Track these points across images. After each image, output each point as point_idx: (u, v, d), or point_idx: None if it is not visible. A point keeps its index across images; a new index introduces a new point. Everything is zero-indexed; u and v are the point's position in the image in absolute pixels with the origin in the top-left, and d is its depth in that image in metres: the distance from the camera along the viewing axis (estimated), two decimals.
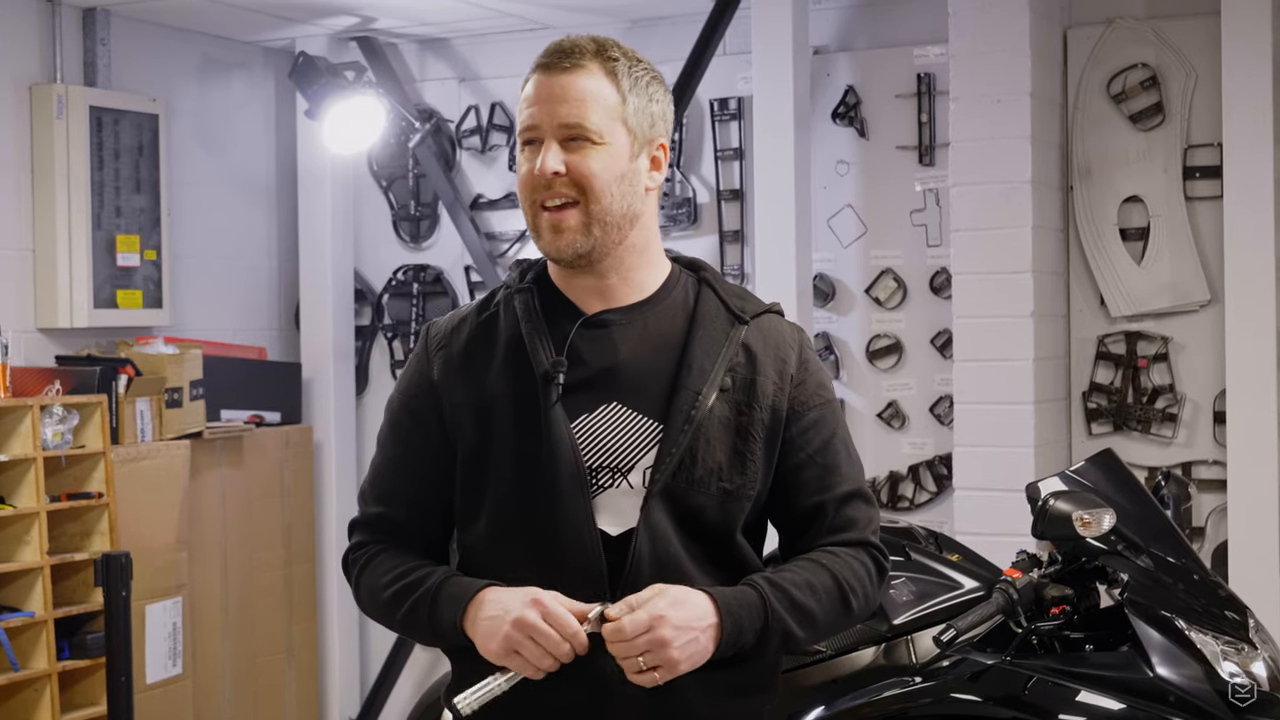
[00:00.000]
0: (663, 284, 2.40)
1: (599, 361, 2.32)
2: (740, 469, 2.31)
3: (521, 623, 2.17)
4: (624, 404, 2.30)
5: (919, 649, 3.60)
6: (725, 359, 2.32)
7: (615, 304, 2.36)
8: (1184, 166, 5.54)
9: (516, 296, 2.38)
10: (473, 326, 2.39)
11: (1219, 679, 3.33)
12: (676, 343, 2.34)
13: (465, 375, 2.35)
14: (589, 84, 2.30)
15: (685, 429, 2.27)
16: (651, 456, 2.28)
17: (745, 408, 2.32)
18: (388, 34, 6.61)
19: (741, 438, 2.31)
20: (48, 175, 5.75)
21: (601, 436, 2.29)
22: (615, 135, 2.31)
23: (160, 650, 5.66)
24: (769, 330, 2.40)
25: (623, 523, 2.27)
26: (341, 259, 6.76)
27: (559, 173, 2.27)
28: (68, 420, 5.32)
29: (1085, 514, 3.46)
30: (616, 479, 2.28)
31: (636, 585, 2.23)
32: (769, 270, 5.78)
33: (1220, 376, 5.43)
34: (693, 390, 2.29)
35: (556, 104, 2.29)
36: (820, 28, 6.01)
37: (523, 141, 2.33)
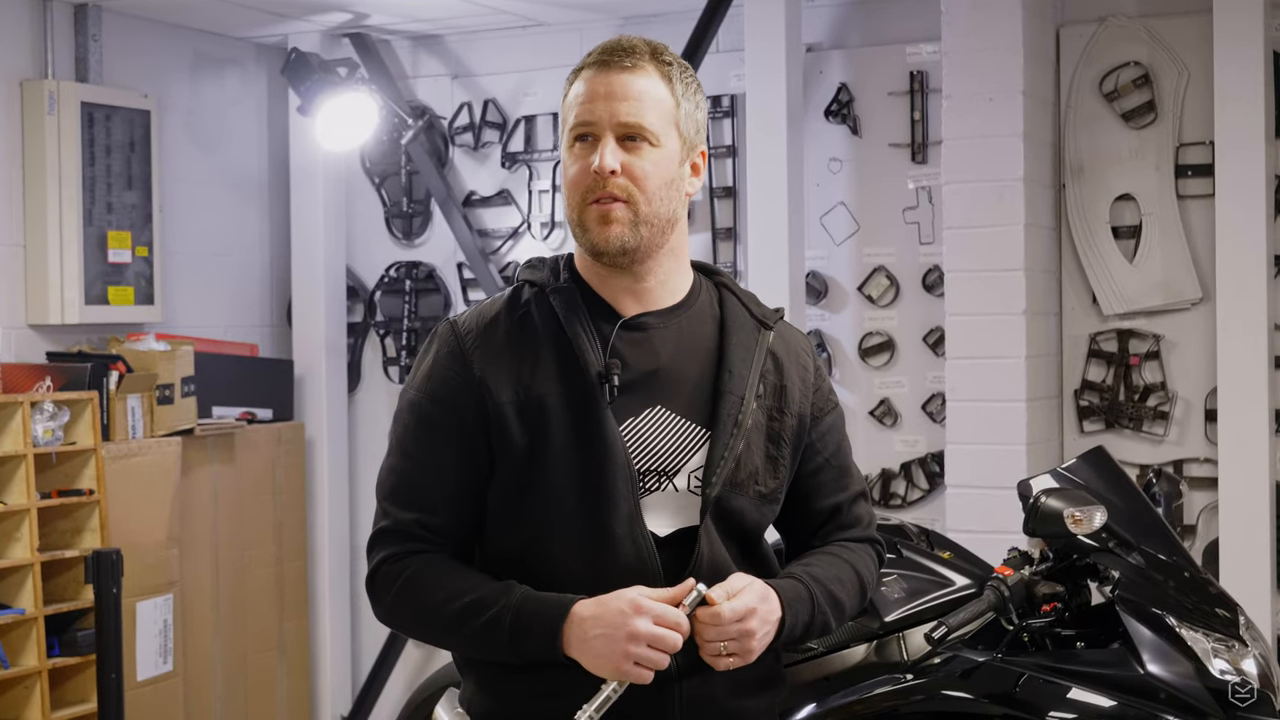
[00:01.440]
0: (690, 289, 2.41)
1: (641, 365, 2.32)
2: (774, 473, 2.36)
3: (637, 635, 2.16)
4: (668, 408, 2.31)
5: (910, 646, 3.60)
6: (758, 365, 2.36)
7: (651, 307, 2.36)
8: (1176, 164, 5.54)
9: (555, 295, 2.34)
10: (508, 324, 2.34)
11: (1210, 676, 3.33)
12: (711, 347, 2.36)
13: (510, 373, 2.30)
14: (647, 85, 2.31)
15: (735, 433, 2.30)
16: (696, 460, 2.30)
17: (777, 413, 2.37)
18: (381, 30, 6.60)
19: (774, 443, 2.36)
20: (39, 171, 5.75)
21: (648, 440, 2.30)
22: (669, 138, 2.32)
23: (151, 647, 5.65)
24: (788, 337, 2.45)
25: (670, 524, 2.29)
26: (334, 256, 6.75)
27: (616, 171, 2.28)
28: (59, 417, 5.32)
29: (1077, 511, 3.47)
30: (663, 482, 2.30)
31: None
32: (762, 267, 5.78)
33: (1211, 374, 5.43)
34: (737, 395, 2.32)
35: (617, 101, 2.29)
36: (813, 25, 6.01)
37: (573, 137, 2.32)
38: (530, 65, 6.53)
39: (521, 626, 2.22)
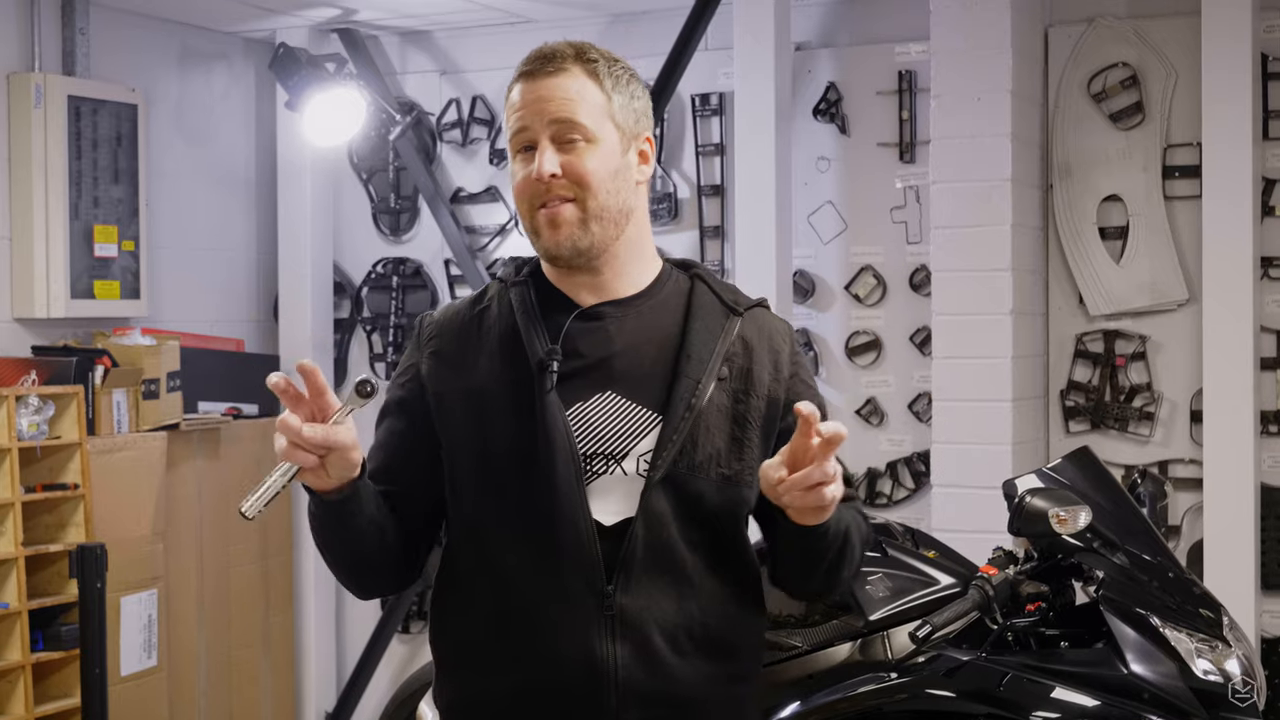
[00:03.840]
0: (655, 279, 2.44)
1: (594, 352, 2.35)
2: (738, 455, 2.34)
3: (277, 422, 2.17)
4: (618, 393, 2.33)
5: (895, 645, 3.60)
6: (722, 349, 2.37)
7: (610, 297, 2.40)
8: (1163, 166, 5.55)
9: (512, 290, 2.41)
10: (465, 319, 2.42)
11: (1193, 676, 3.34)
12: (673, 334, 2.38)
13: (456, 365, 2.38)
14: (574, 84, 2.35)
15: (686, 416, 2.30)
16: (645, 444, 2.31)
17: (742, 395, 2.37)
18: (369, 26, 6.60)
19: (739, 425, 2.36)
20: (25, 165, 5.73)
21: (596, 424, 2.32)
22: (606, 132, 2.35)
23: (135, 642, 5.64)
24: (762, 323, 2.45)
25: (617, 511, 2.30)
26: (321, 251, 6.74)
27: (556, 175, 2.31)
28: (44, 411, 5.31)
29: (1062, 511, 3.47)
30: (610, 466, 2.31)
31: (631, 570, 2.27)
32: (749, 266, 5.77)
33: (1197, 375, 5.44)
34: (693, 379, 2.33)
35: (547, 104, 2.33)
36: (802, 24, 6.01)
37: (515, 149, 2.37)
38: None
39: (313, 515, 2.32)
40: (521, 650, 2.29)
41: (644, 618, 2.29)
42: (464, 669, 2.37)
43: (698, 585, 2.33)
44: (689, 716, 2.34)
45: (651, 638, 2.29)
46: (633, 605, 2.28)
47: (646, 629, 2.29)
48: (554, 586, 2.28)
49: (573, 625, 2.28)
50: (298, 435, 2.13)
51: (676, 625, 2.31)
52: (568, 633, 2.28)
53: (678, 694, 2.31)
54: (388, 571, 2.42)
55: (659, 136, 6.20)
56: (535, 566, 2.29)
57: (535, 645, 2.29)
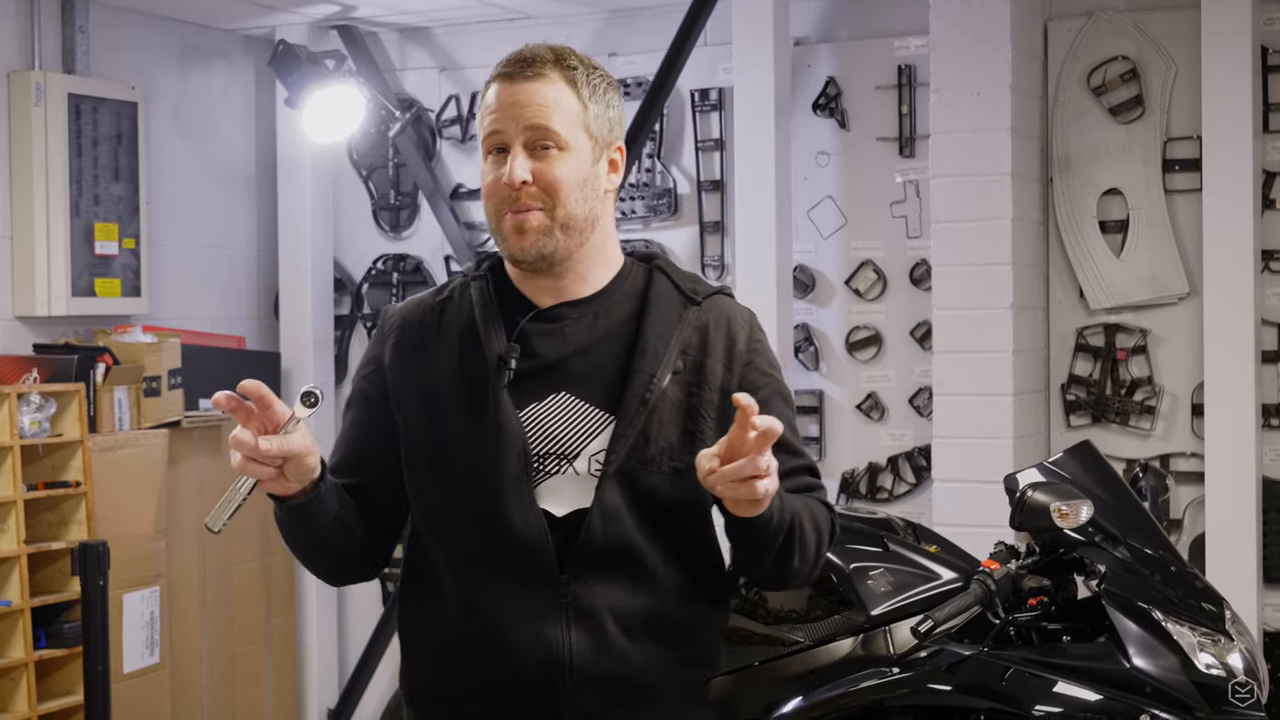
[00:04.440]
0: (614, 278, 2.46)
1: (550, 353, 2.38)
2: (691, 448, 2.33)
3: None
4: (573, 394, 2.37)
5: (897, 640, 3.61)
6: (678, 340, 2.39)
7: (568, 299, 2.42)
8: (1163, 159, 5.55)
9: (473, 284, 2.45)
10: (427, 311, 2.46)
11: (1195, 670, 3.34)
12: (629, 327, 2.40)
13: (415, 358, 2.42)
14: (551, 91, 2.36)
15: (640, 411, 2.34)
16: (597, 443, 2.34)
17: (695, 389, 2.38)
18: (368, 23, 6.59)
19: (692, 418, 2.37)
20: (26, 163, 5.73)
21: (549, 424, 2.35)
22: (579, 141, 2.37)
23: (137, 640, 5.65)
24: (720, 311, 2.46)
25: (568, 505, 2.34)
26: (321, 248, 6.74)
27: (527, 181, 2.33)
28: (45, 408, 5.31)
29: (1063, 505, 3.47)
30: (563, 465, 2.34)
31: (586, 561, 2.32)
32: (749, 261, 5.78)
33: (1198, 369, 5.44)
34: (647, 373, 2.35)
35: (521, 109, 2.35)
36: (801, 19, 6.00)
37: (486, 149, 2.39)
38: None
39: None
40: (480, 639, 2.35)
41: (598, 606, 2.33)
42: (426, 657, 2.43)
43: (654, 574, 2.36)
44: (644, 700, 2.37)
45: (606, 625, 2.33)
46: (587, 594, 2.32)
47: (601, 616, 2.33)
48: (509, 577, 2.33)
49: (528, 614, 2.32)
50: (253, 450, 2.18)
51: (631, 612, 2.34)
52: (524, 622, 2.32)
53: (632, 678, 2.35)
54: (355, 562, 2.48)
55: (658, 132, 6.21)
56: (490, 558, 2.34)
57: (493, 634, 2.34)
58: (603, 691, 2.34)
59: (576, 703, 2.33)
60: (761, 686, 3.73)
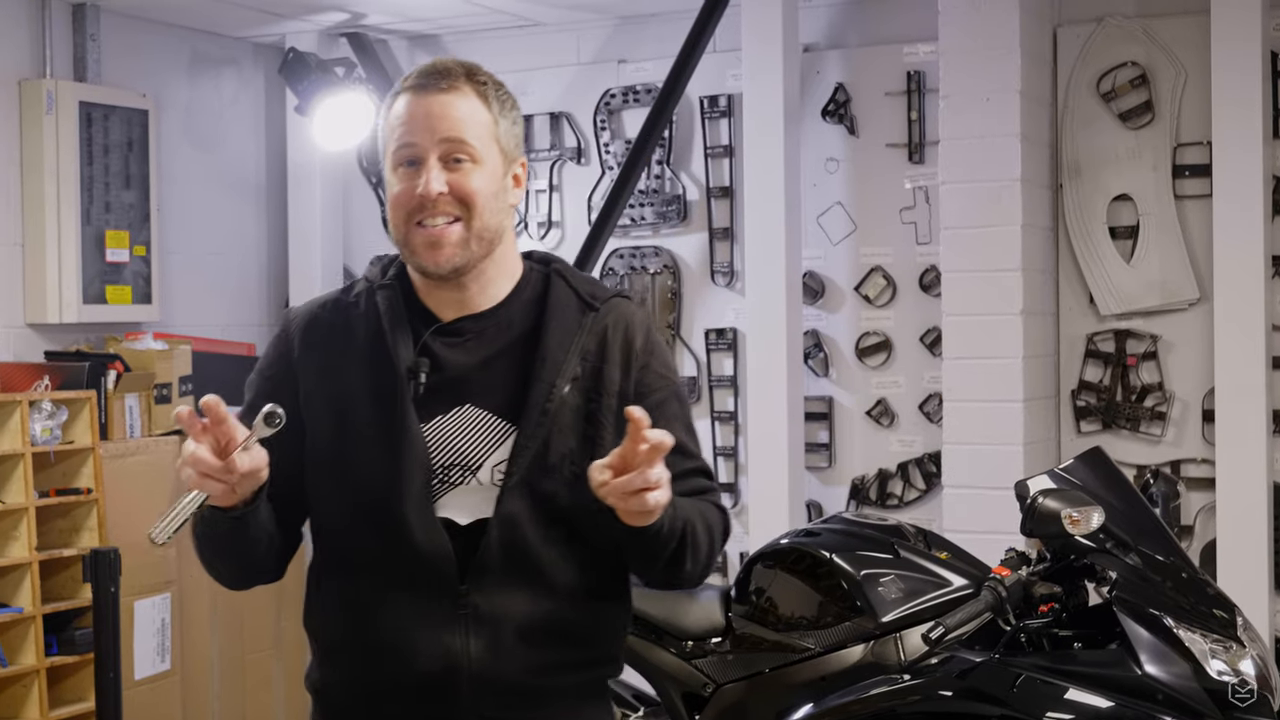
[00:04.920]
0: (514, 287, 2.48)
1: (453, 367, 2.41)
2: (590, 454, 2.34)
3: (184, 451, 2.23)
4: (476, 405, 2.39)
5: (907, 646, 3.61)
6: (578, 347, 2.42)
7: (470, 310, 2.44)
8: (1173, 165, 5.55)
9: (379, 293, 2.46)
10: (332, 313, 2.48)
11: (1207, 677, 3.34)
12: (530, 337, 2.42)
13: (325, 364, 2.44)
14: (465, 104, 2.39)
15: (541, 421, 2.37)
16: (500, 453, 2.37)
17: (594, 395, 2.41)
18: (378, 30, 6.60)
19: (591, 424, 2.40)
20: (37, 170, 5.74)
21: (453, 437, 2.38)
22: (491, 154, 2.40)
23: (149, 646, 5.65)
24: (618, 316, 2.47)
25: (471, 514, 2.37)
26: (331, 255, 6.75)
27: (443, 193, 2.36)
28: (57, 416, 5.32)
29: (1074, 512, 3.47)
30: (466, 477, 2.38)
31: (485, 571, 2.35)
32: (758, 267, 5.78)
33: (1209, 375, 5.43)
34: (547, 382, 2.38)
35: (436, 121, 2.37)
36: (810, 25, 6.01)
37: (397, 161, 2.40)
38: (527, 65, 6.53)
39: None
40: (382, 646, 2.37)
41: (498, 614, 2.36)
42: (331, 659, 2.47)
43: (554, 579, 2.38)
44: (541, 703, 2.41)
45: (505, 633, 2.36)
46: (486, 603, 2.35)
47: (500, 624, 2.36)
48: (410, 587, 2.36)
49: (429, 623, 2.35)
50: (210, 468, 2.20)
51: (531, 619, 2.37)
52: (424, 630, 2.35)
53: (529, 684, 2.39)
54: (270, 565, 2.52)
55: (668, 138, 6.21)
56: (392, 568, 2.37)
57: (395, 641, 2.37)
58: (501, 696, 2.37)
59: (475, 708, 2.37)
60: (772, 693, 3.74)
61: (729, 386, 6.21)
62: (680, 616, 3.96)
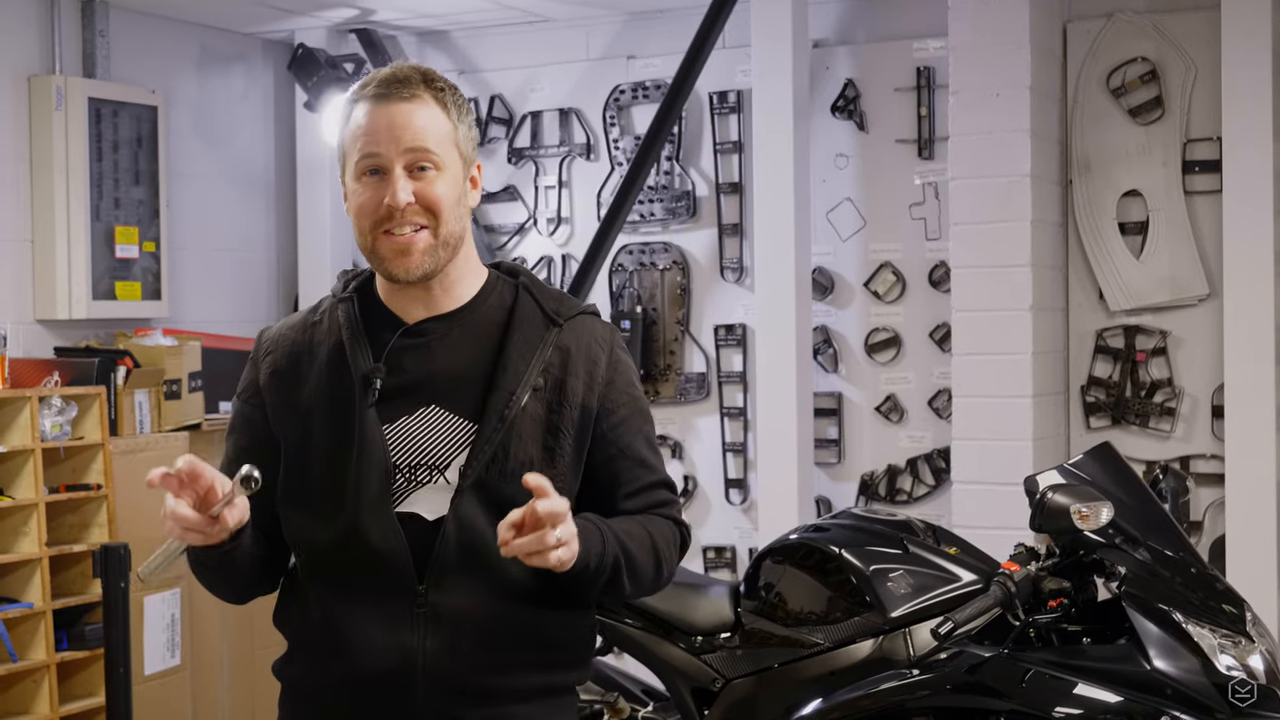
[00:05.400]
0: (479, 291, 2.52)
1: (418, 368, 2.44)
2: (550, 463, 2.42)
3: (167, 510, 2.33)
4: (441, 406, 2.43)
5: (916, 641, 3.61)
6: (539, 360, 2.45)
7: (435, 312, 2.48)
8: (1183, 160, 5.54)
9: (340, 306, 2.51)
10: (298, 333, 2.53)
11: (1216, 672, 3.33)
12: (493, 346, 2.46)
13: (289, 380, 2.49)
14: (426, 112, 2.42)
15: (499, 426, 2.40)
16: (464, 455, 2.40)
17: (556, 406, 2.44)
18: (387, 26, 6.61)
19: (552, 434, 2.44)
20: (46, 167, 5.75)
21: (417, 436, 2.42)
22: (452, 160, 2.45)
23: (159, 642, 5.66)
24: (583, 331, 2.51)
25: (436, 511, 2.40)
26: (340, 250, 6.75)
27: (411, 203, 2.39)
28: (66, 412, 5.33)
29: (1083, 507, 3.47)
30: (434, 476, 2.41)
31: (443, 569, 2.37)
32: (768, 263, 5.78)
33: (1218, 371, 5.43)
34: (507, 390, 2.42)
35: (400, 131, 2.40)
36: (820, 21, 6.01)
37: (361, 170, 2.42)
38: (537, 61, 6.53)
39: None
40: (344, 645, 2.41)
41: (455, 614, 2.38)
42: (297, 654, 2.53)
43: (516, 582, 2.39)
44: (498, 704, 2.43)
45: (461, 631, 2.39)
46: (444, 602, 2.38)
47: (457, 624, 2.39)
48: (370, 587, 2.40)
49: (386, 621, 2.39)
50: (191, 524, 2.31)
51: (489, 620, 2.40)
52: (382, 628, 2.39)
53: (486, 684, 2.41)
54: (262, 580, 2.56)
55: (677, 134, 6.21)
56: (353, 569, 2.40)
57: (356, 640, 2.41)
58: (455, 695, 2.40)
59: (430, 705, 2.40)
60: (781, 688, 3.74)
61: (738, 382, 6.21)
62: (689, 612, 3.96)
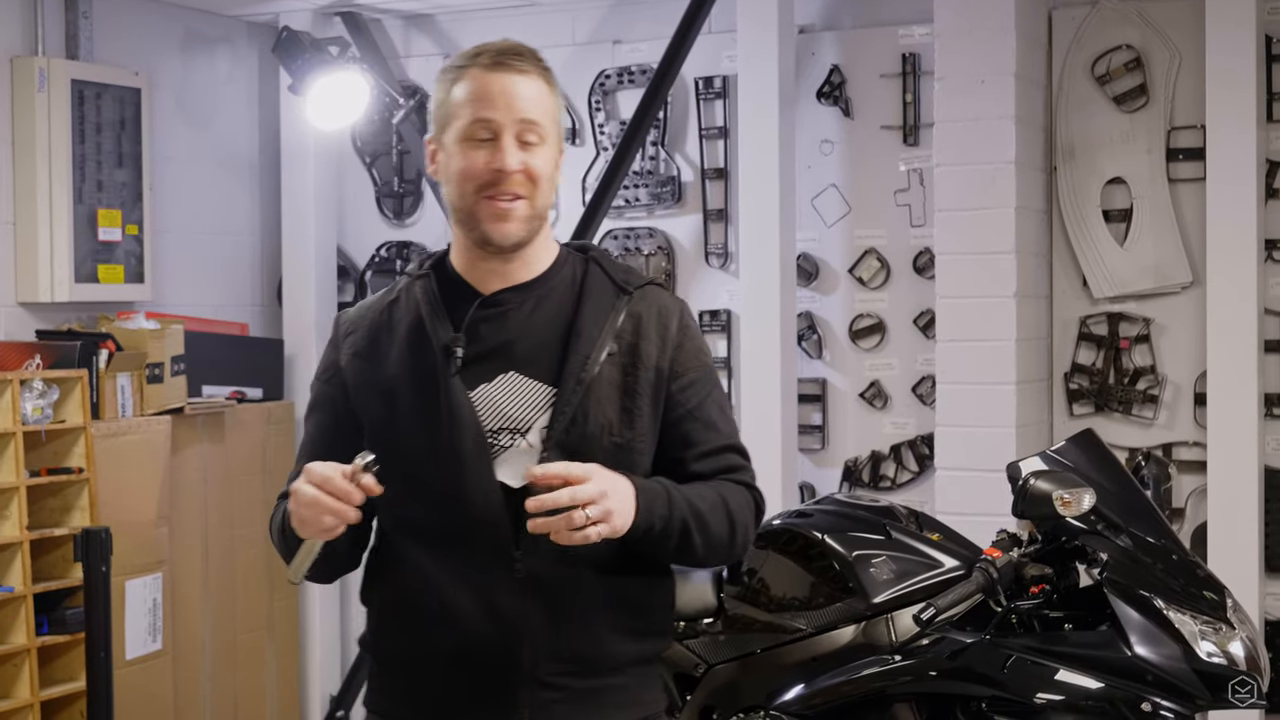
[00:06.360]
0: (553, 263, 2.60)
1: (496, 336, 2.52)
2: (629, 424, 2.51)
3: (299, 498, 2.39)
4: (520, 372, 2.51)
5: (899, 627, 3.61)
6: (611, 326, 2.54)
7: (511, 283, 2.56)
8: (1167, 148, 5.55)
9: (417, 283, 2.59)
10: (377, 314, 2.61)
11: (1197, 659, 3.34)
12: (566, 314, 2.55)
13: (370, 359, 2.57)
14: (536, 86, 2.52)
15: (576, 389, 2.48)
16: (545, 417, 2.49)
17: (631, 369, 2.53)
18: (372, 9, 6.59)
19: (629, 396, 2.52)
20: (29, 149, 5.73)
21: (500, 402, 2.49)
22: (552, 136, 2.54)
23: (140, 626, 5.66)
24: (653, 299, 2.61)
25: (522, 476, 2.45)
26: (324, 235, 6.74)
27: (517, 170, 2.47)
28: (48, 395, 5.31)
29: (1065, 494, 3.47)
30: (516, 439, 2.48)
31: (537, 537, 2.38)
32: (752, 249, 5.77)
33: (1201, 358, 5.44)
34: (582, 355, 2.50)
35: (514, 100, 2.48)
36: (805, 6, 6.00)
37: (468, 134, 2.49)
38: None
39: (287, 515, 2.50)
40: (442, 615, 2.47)
41: (551, 581, 2.45)
42: (391, 626, 2.57)
43: (600, 547, 2.41)
44: (602, 674, 2.51)
45: (563, 598, 2.46)
46: (539, 567, 2.44)
47: (558, 590, 2.46)
48: (468, 555, 2.46)
49: (487, 588, 2.45)
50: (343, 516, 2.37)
51: (581, 585, 2.47)
52: (482, 596, 2.45)
53: (590, 653, 2.49)
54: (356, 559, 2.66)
55: (663, 119, 6.20)
56: (450, 538, 2.47)
57: (454, 609, 2.46)
58: (560, 662, 2.47)
59: (534, 674, 2.46)
60: (763, 674, 3.74)
61: (722, 368, 6.21)
62: None
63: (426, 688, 2.52)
